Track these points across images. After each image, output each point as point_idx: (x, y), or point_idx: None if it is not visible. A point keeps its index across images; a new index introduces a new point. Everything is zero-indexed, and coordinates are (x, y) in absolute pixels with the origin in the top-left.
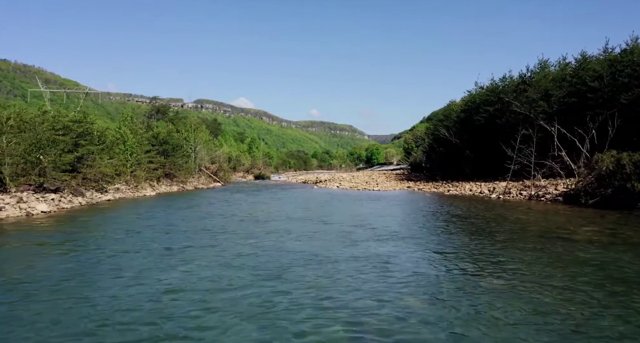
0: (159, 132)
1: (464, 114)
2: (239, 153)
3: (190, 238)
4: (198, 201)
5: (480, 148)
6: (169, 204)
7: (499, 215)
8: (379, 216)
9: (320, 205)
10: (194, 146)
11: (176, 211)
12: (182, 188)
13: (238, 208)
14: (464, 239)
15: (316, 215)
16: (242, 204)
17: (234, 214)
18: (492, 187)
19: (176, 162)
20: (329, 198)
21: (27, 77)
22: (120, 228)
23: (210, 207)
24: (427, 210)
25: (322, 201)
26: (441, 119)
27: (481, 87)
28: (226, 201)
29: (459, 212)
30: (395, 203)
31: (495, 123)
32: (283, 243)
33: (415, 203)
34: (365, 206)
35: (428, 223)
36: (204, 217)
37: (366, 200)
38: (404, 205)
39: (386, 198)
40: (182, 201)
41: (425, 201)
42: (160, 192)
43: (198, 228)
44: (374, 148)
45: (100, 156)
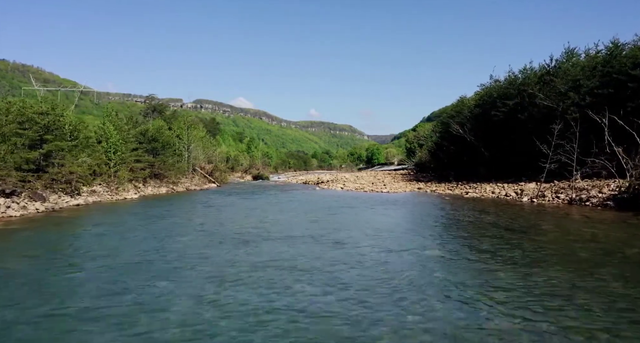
0: (147, 128)
1: (479, 110)
2: (237, 153)
3: (116, 289)
4: (182, 207)
5: (497, 146)
6: (145, 211)
7: (556, 225)
8: (405, 230)
9: (328, 213)
10: (187, 145)
11: (142, 223)
12: (172, 190)
13: (225, 217)
14: (553, 272)
15: (326, 230)
16: (232, 212)
17: (216, 228)
18: (519, 189)
19: (166, 161)
20: (335, 203)
21: (25, 77)
22: (24, 258)
23: (192, 215)
24: (458, 219)
25: (328, 206)
26: (452, 116)
27: (497, 80)
28: (215, 206)
29: (504, 222)
30: (415, 209)
31: (516, 118)
32: (281, 297)
33: (438, 209)
34: (381, 213)
35: (480, 243)
36: (173, 234)
37: (380, 205)
38: (426, 212)
39: (401, 202)
40: (164, 206)
41: (447, 205)
42: (145, 194)
43: (148, 258)
44: (375, 148)
45: (73, 154)
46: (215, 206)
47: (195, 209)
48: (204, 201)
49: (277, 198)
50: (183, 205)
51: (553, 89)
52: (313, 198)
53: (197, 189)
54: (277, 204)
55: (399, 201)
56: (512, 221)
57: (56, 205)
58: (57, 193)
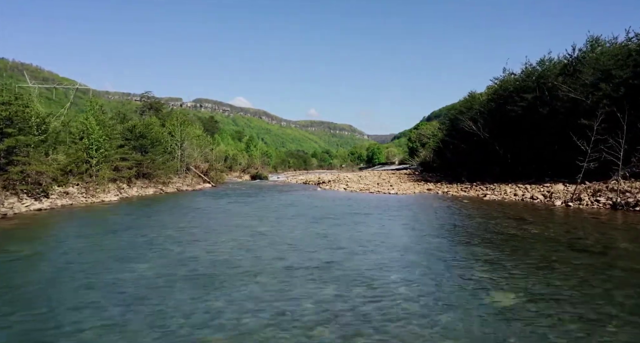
0: (134, 124)
1: (494, 104)
2: (236, 152)
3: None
4: (160, 214)
5: (513, 143)
6: (111, 219)
7: (629, 243)
8: (447, 254)
9: (334, 223)
10: (180, 142)
11: (89, 241)
12: (160, 191)
13: (205, 231)
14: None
15: (338, 254)
16: (216, 222)
17: (185, 250)
18: (547, 191)
19: (155, 159)
20: (341, 207)
21: (24, 76)
22: None
23: (165, 227)
24: (500, 231)
25: (334, 212)
26: (461, 112)
27: (512, 73)
28: (200, 213)
29: (560, 236)
30: (439, 217)
31: (536, 113)
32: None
33: (465, 216)
34: (400, 222)
35: (565, 278)
36: (122, 259)
37: (394, 210)
38: (453, 221)
39: (416, 207)
40: (139, 212)
41: (473, 211)
42: (129, 195)
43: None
44: (375, 147)
45: (41, 150)
46: (201, 212)
47: (174, 217)
48: (190, 206)
49: (274, 201)
50: (163, 211)
51: (577, 80)
52: (315, 201)
53: (189, 190)
54: (273, 209)
55: (413, 205)
56: (570, 235)
57: (11, 210)
58: (19, 195)
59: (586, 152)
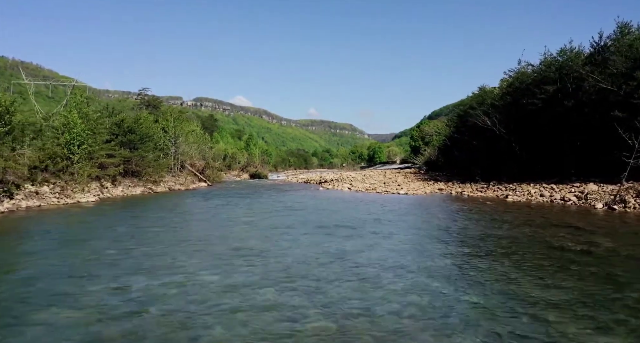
0: (123, 118)
1: (510, 98)
2: (235, 151)
3: None
4: (129, 219)
5: (532, 139)
6: (70, 228)
7: None
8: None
9: (349, 233)
10: (174, 138)
11: (15, 264)
12: (150, 190)
13: (174, 246)
14: None
15: (373, 294)
16: (195, 230)
17: (138, 280)
18: (579, 192)
19: (145, 156)
20: (351, 209)
21: (24, 74)
22: None
23: (131, 241)
24: (559, 246)
25: (344, 217)
26: (472, 107)
27: (529, 64)
28: (183, 216)
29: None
30: (466, 223)
31: (559, 106)
32: None
33: (501, 223)
34: (424, 230)
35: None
36: (37, 304)
37: (413, 214)
38: (489, 229)
39: (435, 209)
40: (112, 218)
41: (506, 216)
42: (112, 196)
43: None
44: (376, 146)
45: (7, 144)
46: (182, 217)
47: (144, 224)
48: (174, 209)
49: (272, 203)
50: (137, 216)
51: (605, 70)
52: (318, 203)
53: (181, 190)
54: (270, 213)
55: (431, 208)
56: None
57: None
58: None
59: (633, 147)
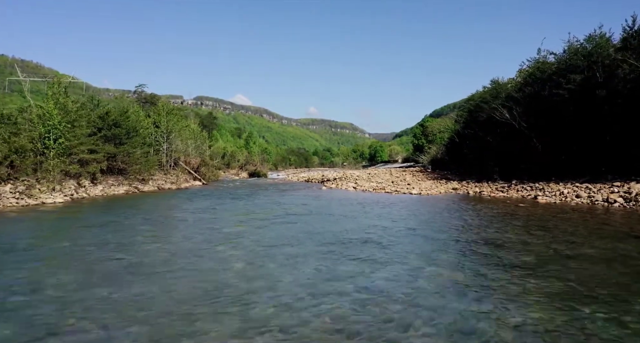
0: (107, 110)
1: (531, 89)
2: (235, 149)
3: None
4: (78, 230)
5: (558, 134)
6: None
7: None
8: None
9: (373, 254)
10: (166, 134)
11: None
12: (135, 189)
13: (115, 279)
14: None
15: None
16: (157, 252)
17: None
18: (623, 192)
19: (132, 153)
20: (363, 213)
21: (23, 72)
22: None
23: (49, 263)
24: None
25: (358, 226)
26: (485, 100)
27: (551, 52)
28: (156, 224)
29: None
30: (517, 232)
31: (588, 96)
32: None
33: (569, 235)
34: (469, 249)
35: None
36: None
37: (440, 220)
38: (560, 244)
39: (464, 213)
40: (54, 228)
41: (564, 225)
42: (89, 195)
43: None
44: (378, 145)
45: None
46: (154, 227)
47: (92, 240)
48: (153, 213)
49: (269, 206)
50: (97, 223)
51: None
52: (323, 206)
53: (172, 189)
54: (264, 222)
55: (457, 211)
56: None
57: None
58: None
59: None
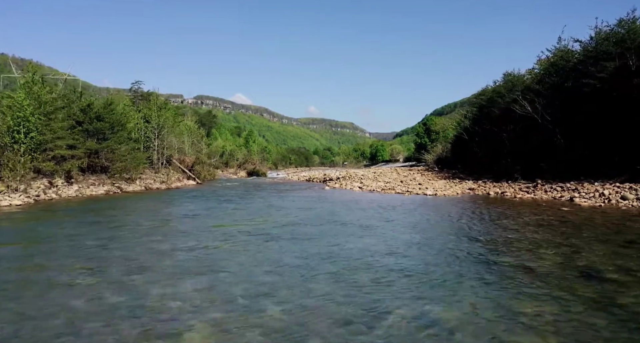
0: (90, 102)
1: (555, 80)
2: (234, 147)
3: None
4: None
5: (586, 128)
6: None
7: None
8: None
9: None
10: (157, 130)
11: None
12: (118, 189)
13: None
14: None
15: None
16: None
17: None
18: None
19: (116, 149)
20: (387, 221)
21: (23, 71)
22: None
23: None
24: None
25: (384, 236)
26: (500, 94)
27: (577, 40)
28: (109, 241)
29: None
30: (594, 250)
31: (624, 86)
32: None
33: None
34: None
35: None
36: None
37: (484, 233)
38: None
39: (505, 219)
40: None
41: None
42: (61, 196)
43: None
44: (379, 144)
45: None
46: (103, 247)
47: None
48: (117, 221)
49: (265, 210)
50: (34, 238)
51: None
52: (329, 210)
53: (161, 189)
54: (256, 237)
55: (497, 218)
56: None
57: None
58: None
59: None
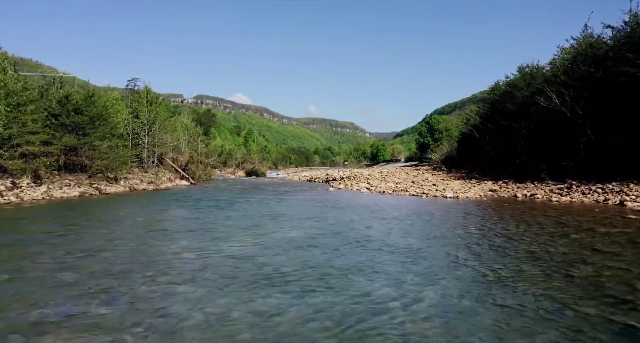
0: (68, 93)
1: (584, 69)
2: (233, 147)
3: None
4: None
5: (624, 123)
6: None
7: None
8: None
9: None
10: (148, 126)
11: None
12: (96, 191)
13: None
14: None
15: None
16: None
17: None
18: None
19: (97, 146)
20: (423, 233)
21: (23, 71)
22: None
23: None
24: None
25: (429, 261)
26: (518, 87)
27: (608, 25)
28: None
29: None
30: None
31: None
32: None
33: None
34: None
35: None
36: None
37: (556, 255)
38: None
39: (589, 236)
40: None
41: None
42: (23, 200)
43: None
44: (380, 144)
45: None
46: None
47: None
48: (47, 239)
49: (258, 221)
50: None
51: None
52: (341, 218)
53: (147, 190)
54: (235, 280)
55: (560, 232)
56: None
57: None
58: None
59: None
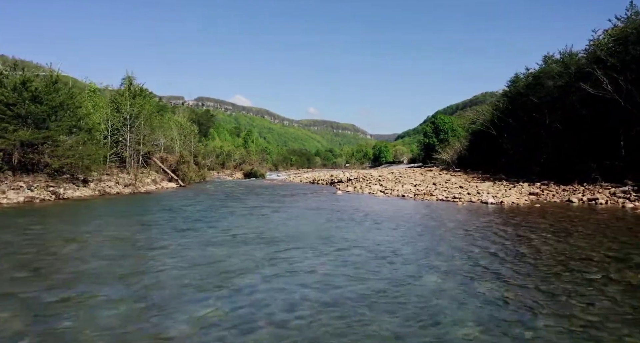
0: (26, 78)
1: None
2: (232, 148)
3: None
4: None
5: None
6: None
7: None
8: None
9: None
10: (129, 121)
11: None
12: (52, 195)
13: None
14: None
15: None
16: None
17: None
18: None
19: (60, 141)
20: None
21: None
22: None
23: None
24: None
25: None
26: (549, 74)
27: None
28: None
29: None
30: None
31: None
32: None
33: None
34: None
35: None
36: None
37: None
38: None
39: None
40: None
41: None
42: None
43: None
44: (382, 145)
45: None
46: None
47: None
48: None
49: (248, 245)
50: None
51: None
52: (364, 240)
53: (123, 193)
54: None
55: None
56: None
57: None
58: None
59: None
